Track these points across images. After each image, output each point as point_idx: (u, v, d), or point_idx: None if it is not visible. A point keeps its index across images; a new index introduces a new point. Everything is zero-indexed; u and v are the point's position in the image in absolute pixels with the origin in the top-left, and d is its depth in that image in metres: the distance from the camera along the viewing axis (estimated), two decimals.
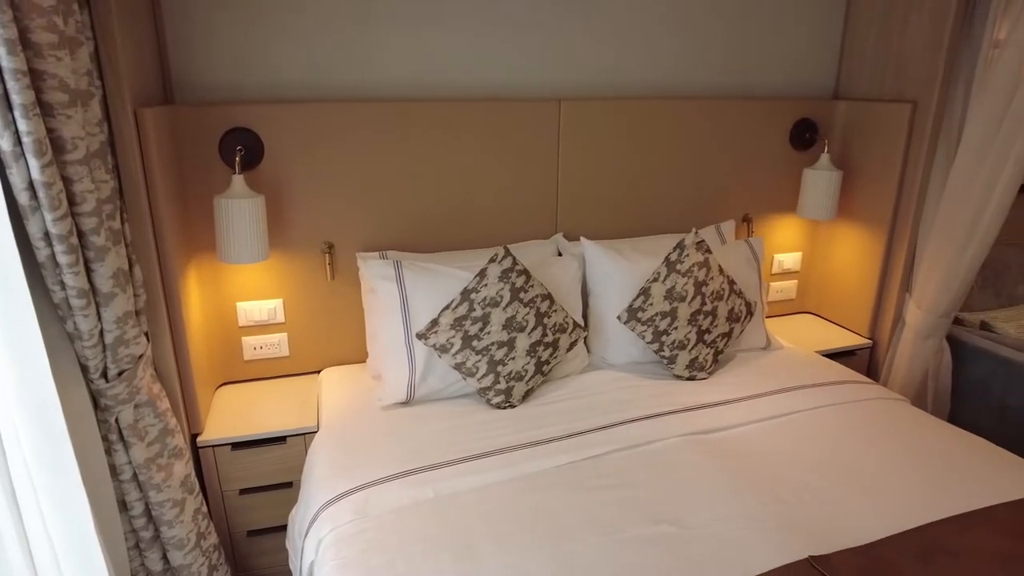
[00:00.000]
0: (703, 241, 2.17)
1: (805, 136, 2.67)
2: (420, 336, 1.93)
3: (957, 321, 2.83)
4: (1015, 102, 2.13)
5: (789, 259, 2.84)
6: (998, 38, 2.23)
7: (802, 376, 2.16)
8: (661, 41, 2.45)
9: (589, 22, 2.34)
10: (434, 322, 1.92)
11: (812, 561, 1.33)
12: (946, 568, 1.33)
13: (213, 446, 1.94)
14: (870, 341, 2.68)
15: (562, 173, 2.39)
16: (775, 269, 2.83)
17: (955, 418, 2.62)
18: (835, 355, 2.59)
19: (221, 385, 2.24)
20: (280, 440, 2.00)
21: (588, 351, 2.29)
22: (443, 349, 1.92)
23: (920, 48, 2.39)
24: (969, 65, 2.31)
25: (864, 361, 2.70)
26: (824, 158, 2.56)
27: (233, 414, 2.06)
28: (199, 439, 1.94)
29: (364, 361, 2.30)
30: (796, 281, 2.90)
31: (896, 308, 2.59)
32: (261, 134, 2.04)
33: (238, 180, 1.91)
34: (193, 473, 1.82)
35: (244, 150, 2.00)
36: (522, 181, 2.35)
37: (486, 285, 1.93)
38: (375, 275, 2.02)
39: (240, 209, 1.88)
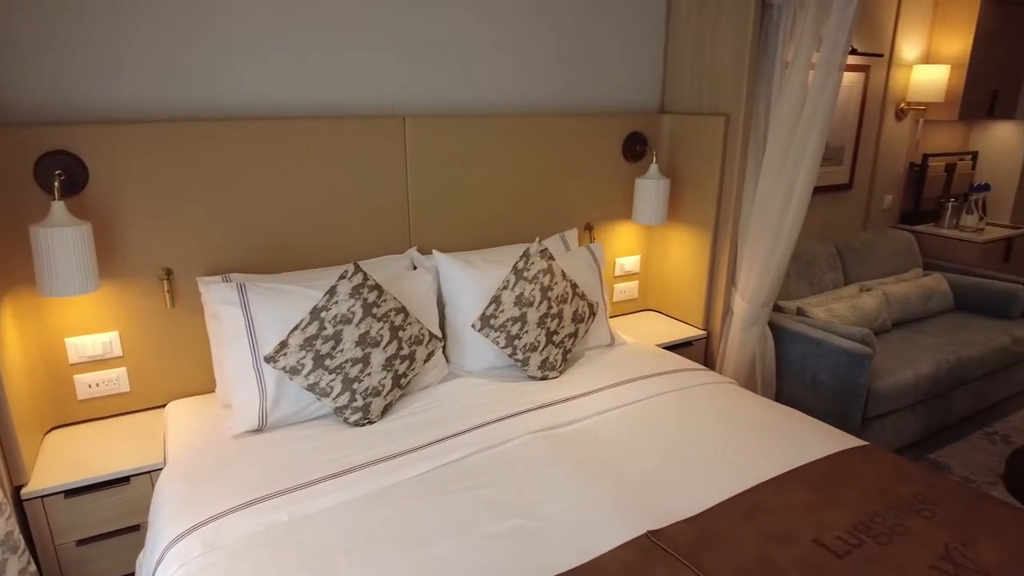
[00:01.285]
0: (546, 249, 2.30)
1: (636, 148, 2.90)
2: (268, 359, 1.89)
3: (778, 308, 3.18)
4: (804, 114, 2.45)
5: (630, 262, 3.06)
6: (787, 59, 2.55)
7: (643, 368, 2.34)
8: (502, 62, 2.57)
9: (431, 40, 2.41)
10: (283, 344, 1.89)
11: (650, 535, 1.46)
12: (764, 523, 1.51)
13: (41, 496, 1.78)
14: (705, 332, 2.94)
15: (412, 189, 2.44)
16: (617, 272, 3.04)
17: (780, 395, 2.94)
18: (674, 347, 2.82)
19: (51, 429, 2.06)
20: (123, 481, 1.87)
21: (447, 360, 2.34)
22: (294, 371, 1.89)
23: (728, 67, 2.68)
24: (767, 82, 2.63)
25: (701, 350, 2.95)
26: (653, 168, 2.79)
27: (66, 459, 1.90)
28: (23, 491, 1.77)
29: (213, 391, 2.21)
30: (637, 282, 3.12)
31: (725, 301, 2.86)
32: (85, 157, 1.91)
33: (58, 207, 1.78)
34: (17, 529, 1.66)
35: (64, 175, 1.87)
36: (373, 198, 2.37)
37: (336, 302, 1.93)
38: (217, 300, 1.95)
39: (62, 238, 1.75)
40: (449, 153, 2.47)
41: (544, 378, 2.27)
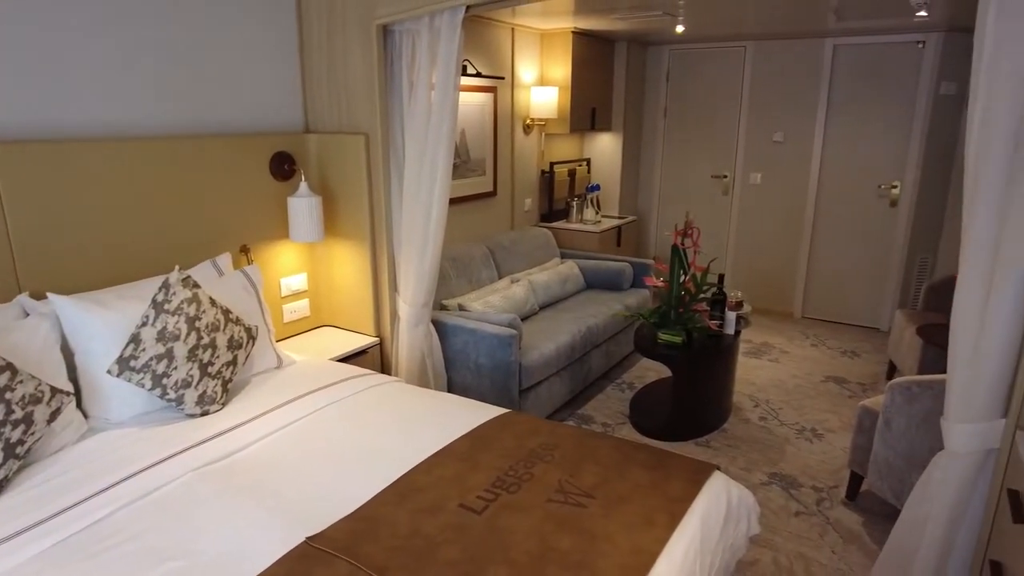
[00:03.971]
0: (189, 277, 2.19)
1: (284, 168, 2.91)
2: None
3: (443, 307, 3.47)
4: (431, 130, 2.71)
5: (296, 281, 3.06)
6: (412, 80, 2.79)
7: (312, 383, 2.37)
8: (120, 81, 2.36)
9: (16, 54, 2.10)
10: None
11: (308, 541, 1.50)
12: (416, 501, 1.66)
13: None
14: (377, 339, 3.08)
15: (12, 226, 2.11)
16: (285, 292, 3.02)
17: (452, 383, 3.22)
18: (350, 357, 2.91)
19: None
20: None
21: (85, 415, 2.08)
22: None
23: (361, 88, 2.85)
24: (399, 101, 2.85)
25: (376, 357, 3.09)
26: (303, 186, 2.83)
27: None
28: None
29: None
30: (307, 299, 3.14)
31: (391, 306, 3.04)
32: None
33: None
34: None
35: None
36: None
37: None
38: None
39: None
40: (62, 184, 2.19)
41: (205, 413, 2.15)
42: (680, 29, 4.56)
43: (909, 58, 4.57)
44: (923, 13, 3.69)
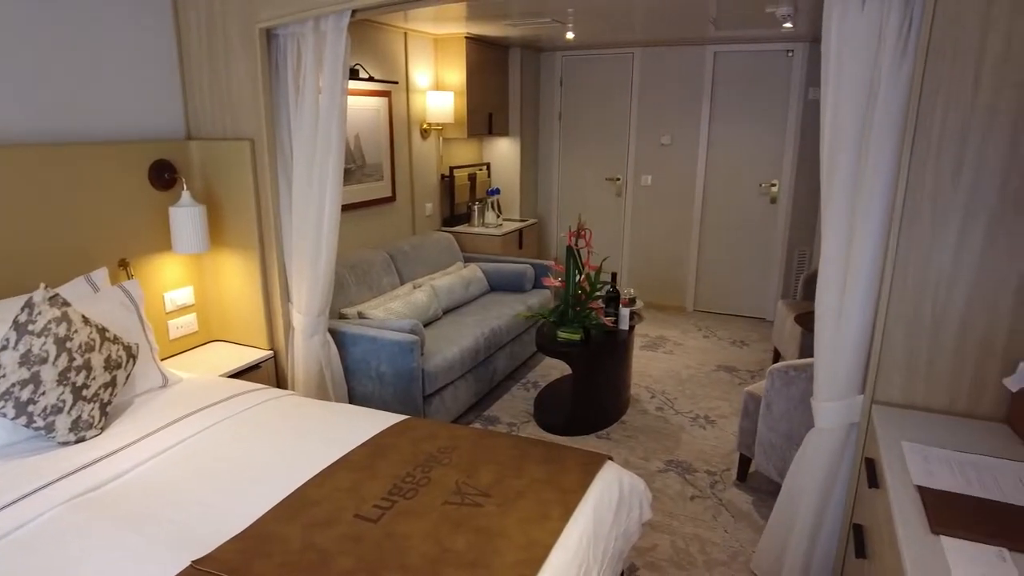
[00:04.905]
0: (57, 295, 2.04)
1: (164, 176, 2.77)
2: None
3: (342, 316, 3.41)
4: (319, 135, 2.66)
5: (181, 295, 2.92)
6: (298, 84, 2.72)
7: (200, 401, 2.27)
8: None
9: None
10: None
11: (194, 564, 1.44)
12: (310, 515, 1.63)
13: None
14: (271, 351, 2.98)
15: None
16: (169, 307, 2.87)
17: (353, 393, 3.17)
18: (242, 372, 2.80)
19: None
20: None
21: None
22: None
23: (246, 93, 2.75)
24: (286, 106, 2.78)
25: (271, 371, 2.99)
26: (185, 195, 2.70)
27: None
28: None
29: None
30: (195, 314, 3.00)
31: (285, 317, 2.95)
32: None
33: None
34: None
35: None
36: None
37: None
38: None
39: None
40: None
41: (81, 440, 2.01)
42: (570, 36, 4.69)
43: (780, 66, 4.91)
44: (788, 25, 3.98)
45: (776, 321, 4.22)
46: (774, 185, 5.10)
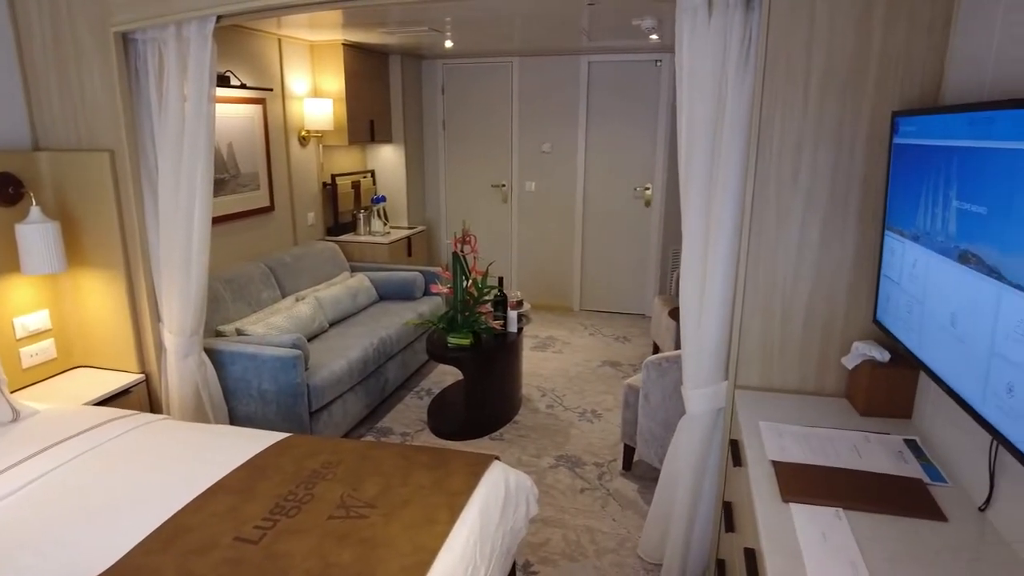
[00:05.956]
0: None
1: (9, 191, 2.54)
2: None
3: (219, 333, 3.26)
4: (186, 144, 2.53)
5: (35, 319, 2.68)
6: (161, 91, 2.58)
7: (61, 432, 2.10)
8: None
9: None
10: None
11: None
12: (186, 543, 1.55)
13: None
14: (142, 375, 2.80)
15: None
16: (21, 334, 2.63)
17: (234, 414, 3.04)
18: (111, 399, 2.62)
19: None
20: None
21: None
22: None
23: (102, 101, 2.58)
24: (148, 114, 2.62)
25: (143, 395, 2.81)
26: (34, 211, 2.49)
27: None
28: None
29: None
30: (53, 339, 2.76)
31: (156, 338, 2.78)
32: None
33: None
34: None
35: None
36: None
37: None
38: None
39: None
40: None
41: None
42: (449, 44, 4.74)
43: (650, 75, 5.19)
44: (655, 36, 4.22)
45: (653, 316, 4.45)
46: (648, 189, 5.38)
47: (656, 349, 4.50)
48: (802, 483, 1.51)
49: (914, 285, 1.58)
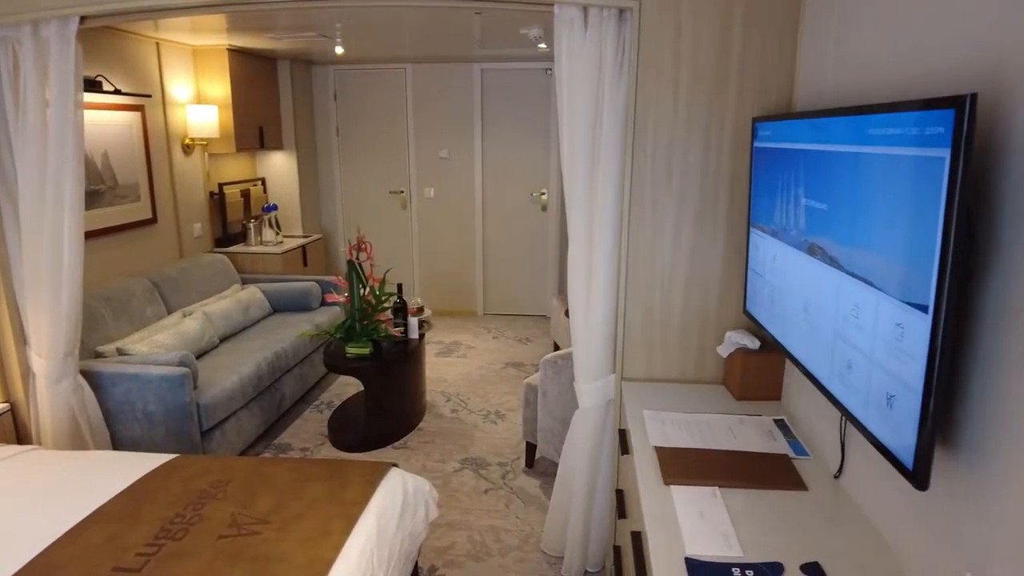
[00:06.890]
0: None
1: None
2: None
3: (99, 354, 3.06)
4: (50, 155, 2.37)
5: None
6: (18, 96, 2.40)
7: None
8: None
9: None
10: None
11: None
12: None
13: None
14: (7, 404, 2.59)
15: None
16: None
17: (117, 439, 2.86)
18: None
19: None
20: None
21: None
22: None
23: None
24: (3, 121, 2.43)
25: (9, 426, 2.59)
26: None
27: None
28: None
29: None
30: None
31: (22, 363, 2.57)
32: None
33: None
34: None
35: None
36: None
37: None
38: None
39: None
40: None
41: None
42: (340, 50, 4.66)
43: (540, 83, 5.32)
44: (543, 45, 4.34)
45: (552, 316, 4.56)
46: (544, 194, 5.51)
47: (556, 348, 4.61)
48: (682, 466, 1.61)
49: (775, 277, 1.72)
